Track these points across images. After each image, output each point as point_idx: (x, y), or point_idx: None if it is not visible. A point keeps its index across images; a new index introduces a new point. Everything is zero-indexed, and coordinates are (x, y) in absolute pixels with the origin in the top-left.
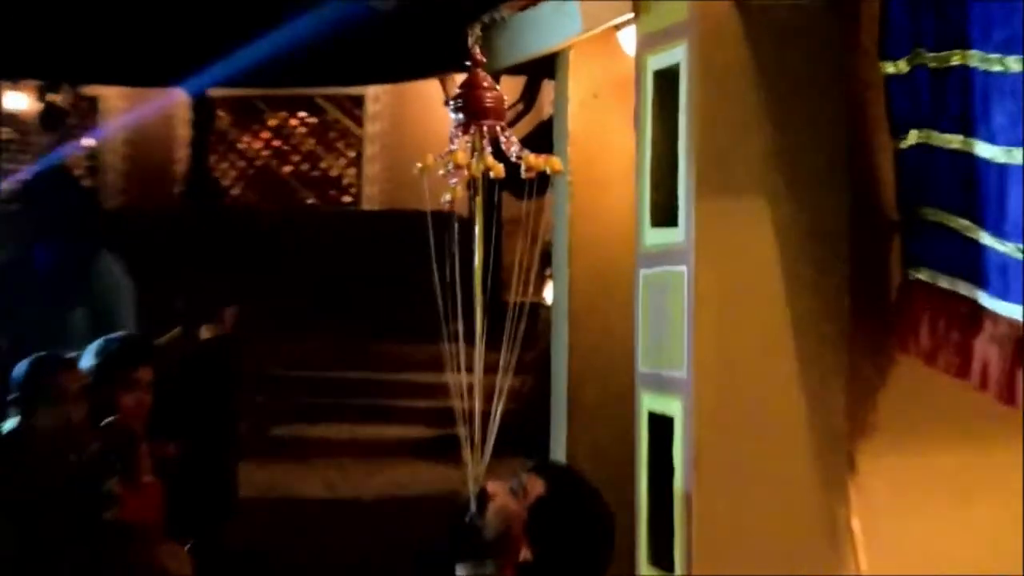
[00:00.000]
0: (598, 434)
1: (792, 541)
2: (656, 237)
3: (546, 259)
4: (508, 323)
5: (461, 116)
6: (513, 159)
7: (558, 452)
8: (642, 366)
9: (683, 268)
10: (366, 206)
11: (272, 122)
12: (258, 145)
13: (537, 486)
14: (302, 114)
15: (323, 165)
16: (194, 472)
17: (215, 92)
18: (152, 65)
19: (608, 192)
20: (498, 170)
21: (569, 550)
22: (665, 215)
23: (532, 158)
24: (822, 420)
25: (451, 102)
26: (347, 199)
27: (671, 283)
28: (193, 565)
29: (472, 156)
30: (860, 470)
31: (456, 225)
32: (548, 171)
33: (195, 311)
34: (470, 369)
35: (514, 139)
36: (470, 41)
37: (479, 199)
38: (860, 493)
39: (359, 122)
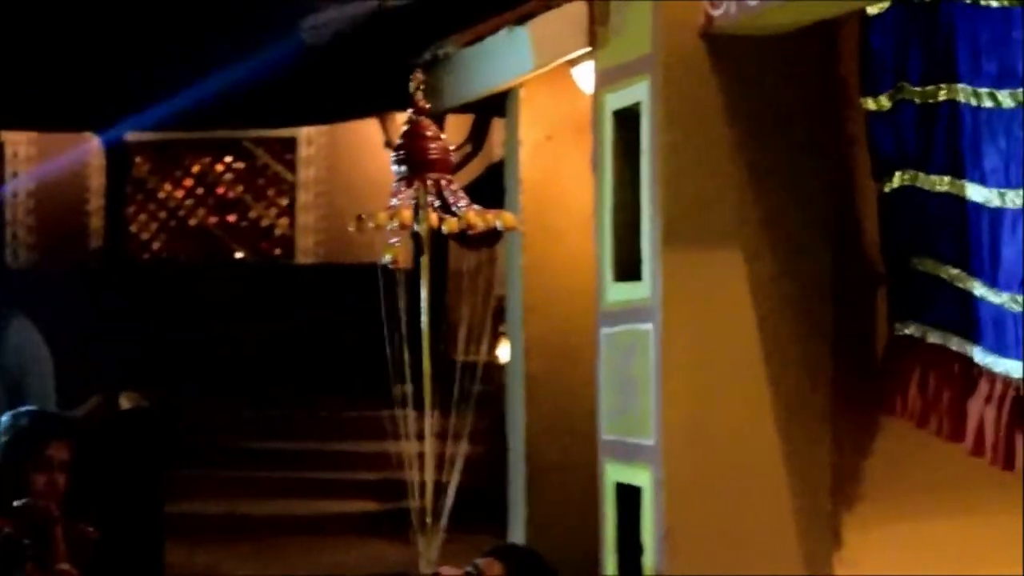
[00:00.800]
0: (560, 505)
1: None
2: (619, 293)
3: (500, 315)
4: (458, 385)
5: (404, 168)
6: (458, 214)
7: (516, 525)
8: (606, 433)
9: (649, 326)
10: (300, 259)
11: (195, 168)
12: (180, 194)
13: (495, 568)
14: (228, 159)
15: (252, 215)
16: (115, 558)
17: (132, 137)
18: (62, 108)
19: (565, 242)
20: (451, 225)
21: None
22: (628, 268)
23: (473, 215)
24: (805, 491)
25: (393, 153)
26: (279, 251)
27: (637, 343)
28: None
29: (416, 212)
30: (846, 543)
31: (401, 280)
32: (499, 227)
33: (114, 379)
34: (419, 437)
35: (461, 193)
36: (412, 86)
37: (424, 259)
38: (845, 568)
39: (291, 167)
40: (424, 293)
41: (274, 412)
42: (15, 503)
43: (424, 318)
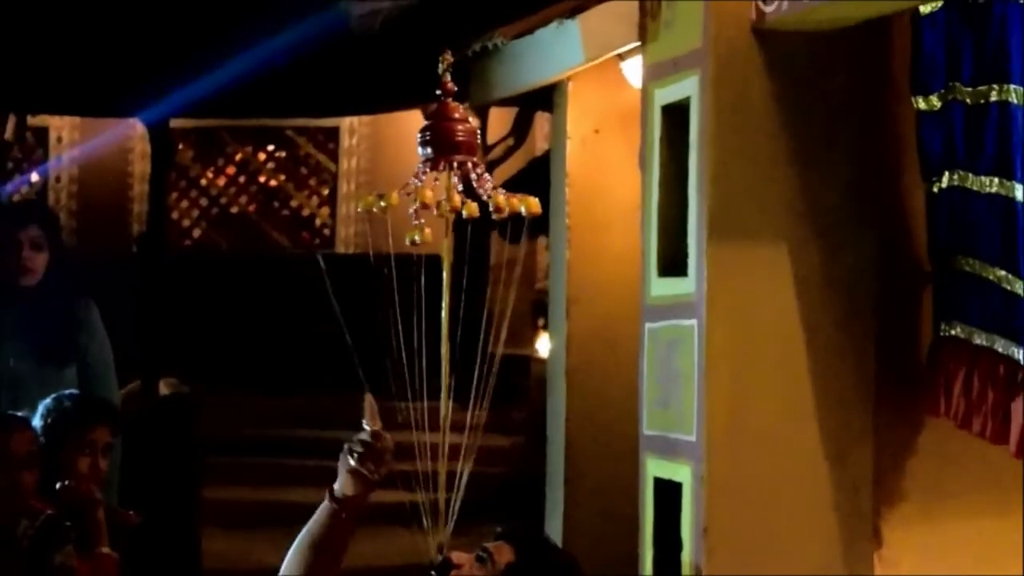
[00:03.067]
0: (599, 501)
1: None
2: (663, 288)
3: (539, 308)
4: (483, 378)
5: (429, 151)
6: (484, 199)
7: (555, 521)
8: (647, 428)
9: (693, 322)
10: (341, 249)
11: (238, 156)
12: (222, 181)
13: (505, 553)
14: (270, 148)
15: (293, 204)
16: (154, 543)
17: (175, 123)
18: (106, 94)
19: (610, 237)
20: (471, 209)
21: None
22: (673, 263)
23: (501, 198)
24: (846, 489)
25: (419, 134)
26: (320, 241)
27: (680, 338)
28: None
29: (442, 195)
30: (887, 543)
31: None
32: (523, 213)
33: (154, 363)
34: (455, 429)
35: (487, 176)
36: (440, 67)
37: (446, 242)
38: (885, 567)
39: (333, 157)
40: (445, 277)
41: (309, 401)
42: (58, 485)
43: (444, 306)
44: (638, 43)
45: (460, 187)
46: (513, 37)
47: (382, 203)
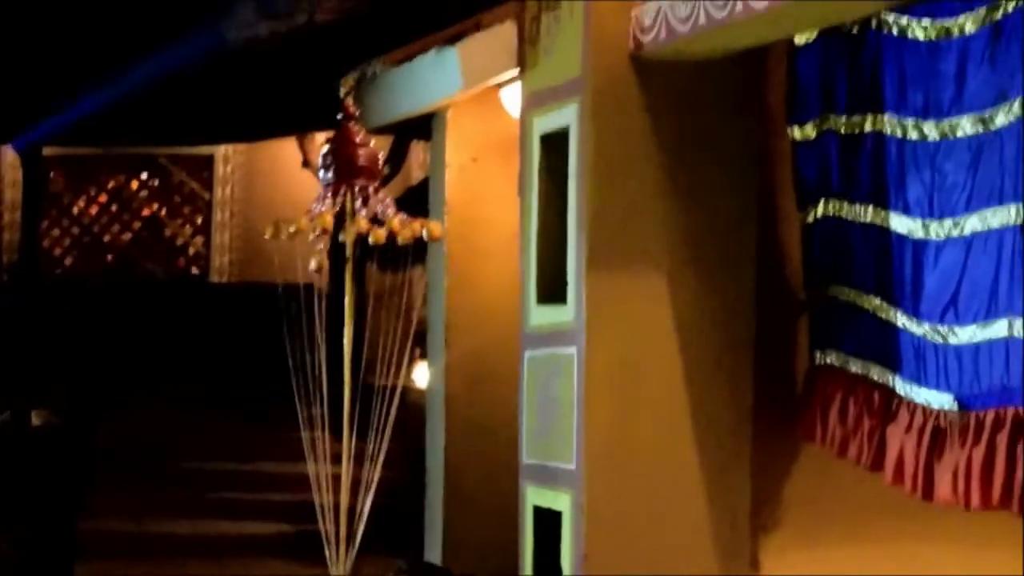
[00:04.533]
0: (478, 529)
1: None
2: (543, 316)
3: (417, 338)
4: (375, 409)
5: (330, 175)
6: (380, 220)
7: (434, 549)
8: (527, 457)
9: (573, 350)
10: (215, 278)
11: (111, 184)
12: (95, 210)
13: None
14: (144, 176)
15: (167, 232)
16: (27, 573)
17: (48, 151)
18: None
19: (488, 264)
20: (378, 235)
21: None
22: (553, 291)
23: (397, 222)
24: (724, 515)
25: (321, 158)
26: (195, 270)
27: (560, 366)
28: None
29: (342, 219)
30: (764, 568)
31: (319, 299)
32: (425, 237)
33: (24, 394)
34: (334, 460)
35: (388, 201)
36: (342, 91)
37: (349, 268)
38: None
39: (207, 185)
40: (348, 304)
41: (186, 431)
42: None
43: (347, 336)
44: (517, 71)
45: (363, 212)
46: (392, 64)
47: (291, 229)
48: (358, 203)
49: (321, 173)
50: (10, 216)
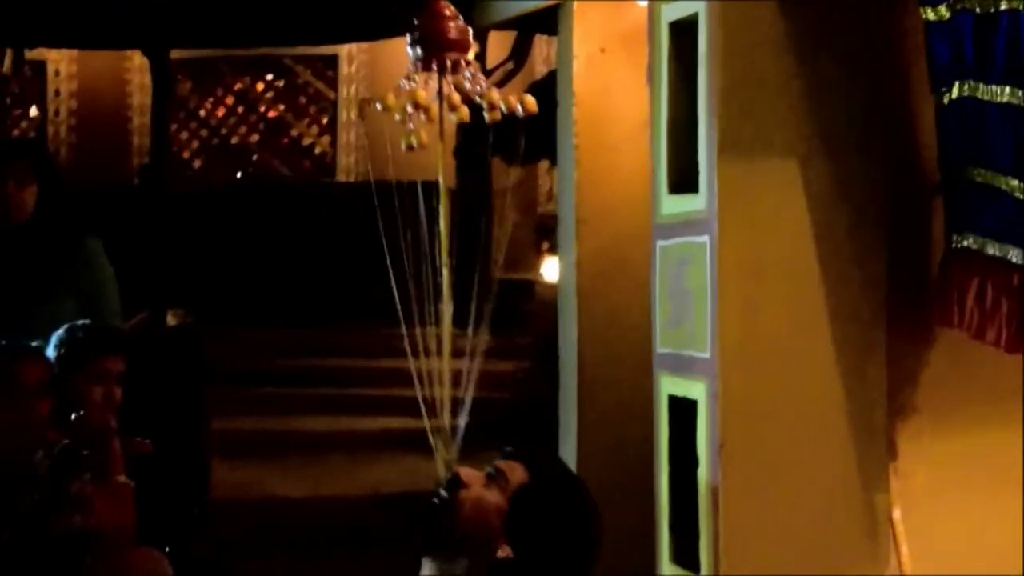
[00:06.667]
0: (613, 423)
1: (828, 536)
2: (674, 205)
3: (542, 232)
4: (483, 303)
5: (419, 51)
6: (476, 98)
7: (568, 444)
8: (660, 347)
9: (705, 239)
10: (342, 177)
11: (237, 86)
12: (221, 112)
13: (518, 473)
14: (269, 77)
15: (293, 133)
16: (165, 472)
17: (174, 55)
18: (104, 26)
19: (618, 156)
20: (463, 114)
21: (555, 545)
22: (684, 181)
23: (494, 95)
24: (860, 403)
25: (408, 34)
26: (320, 170)
27: (692, 256)
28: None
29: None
30: (900, 454)
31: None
32: (519, 112)
33: (160, 295)
34: (457, 355)
35: (480, 76)
36: None
37: (439, 146)
38: (900, 480)
39: (332, 85)
40: (440, 179)
41: (312, 331)
42: (73, 415)
43: (443, 223)
44: None
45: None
46: None
47: (379, 106)
48: (448, 78)
49: (409, 50)
50: (139, 120)
